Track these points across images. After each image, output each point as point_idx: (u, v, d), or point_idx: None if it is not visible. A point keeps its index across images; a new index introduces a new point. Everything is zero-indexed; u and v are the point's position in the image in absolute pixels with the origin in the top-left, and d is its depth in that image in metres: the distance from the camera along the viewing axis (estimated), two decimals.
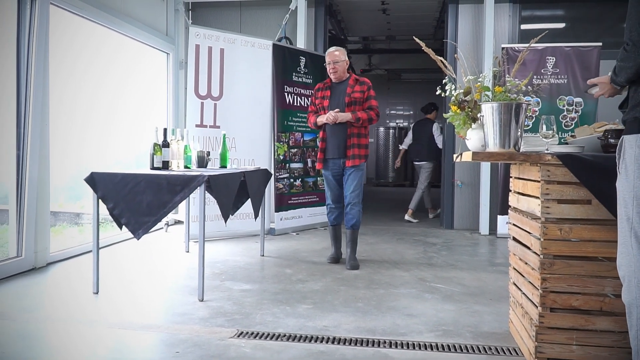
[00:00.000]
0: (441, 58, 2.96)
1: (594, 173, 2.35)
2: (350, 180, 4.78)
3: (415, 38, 3.42)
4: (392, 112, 17.41)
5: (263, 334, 3.06)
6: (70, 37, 5.32)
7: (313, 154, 6.86)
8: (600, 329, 2.47)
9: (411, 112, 17.24)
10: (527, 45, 2.97)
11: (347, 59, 4.87)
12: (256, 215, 5.06)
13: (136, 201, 3.63)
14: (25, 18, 4.48)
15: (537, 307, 2.53)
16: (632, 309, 2.01)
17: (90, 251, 4.45)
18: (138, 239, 3.67)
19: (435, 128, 8.25)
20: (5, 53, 4.42)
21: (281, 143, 6.56)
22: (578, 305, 2.48)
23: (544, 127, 2.56)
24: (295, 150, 6.75)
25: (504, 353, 2.84)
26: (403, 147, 9.03)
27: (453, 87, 2.88)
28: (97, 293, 3.83)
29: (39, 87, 4.53)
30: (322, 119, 4.80)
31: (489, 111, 2.52)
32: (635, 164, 2.02)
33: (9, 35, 4.43)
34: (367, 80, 4.90)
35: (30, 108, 4.46)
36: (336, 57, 4.80)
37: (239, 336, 3.02)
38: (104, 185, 3.71)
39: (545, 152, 2.52)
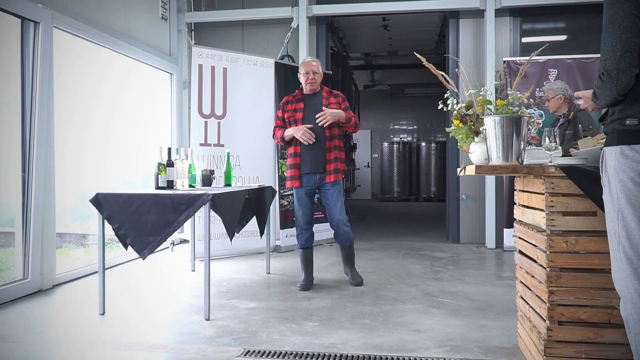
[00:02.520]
0: (442, 73, 2.97)
1: (598, 184, 2.34)
2: (335, 199, 4.55)
3: (416, 54, 3.44)
4: (396, 127, 17.46)
5: (270, 352, 3.04)
6: (74, 59, 5.37)
7: None
8: (609, 342, 2.44)
9: (415, 127, 17.29)
10: (528, 58, 2.98)
11: (321, 71, 4.66)
12: (261, 233, 5.06)
13: (141, 221, 3.64)
14: (28, 41, 4.53)
15: (545, 320, 2.52)
16: (629, 324, 2.00)
17: (96, 272, 4.45)
18: (144, 259, 3.68)
19: None
20: (10, 76, 4.46)
21: (285, 160, 6.57)
22: (586, 318, 2.46)
23: (547, 139, 2.56)
24: None
25: None
26: None
27: (455, 101, 2.88)
28: (103, 314, 3.82)
29: (44, 109, 4.56)
30: (292, 133, 4.49)
31: (491, 124, 2.52)
32: (615, 177, 2.02)
33: (13, 58, 4.48)
34: (340, 92, 4.73)
35: (35, 130, 4.49)
36: (315, 67, 4.57)
37: (245, 355, 3.00)
38: (109, 205, 3.72)
39: (549, 164, 2.52)
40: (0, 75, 4.49)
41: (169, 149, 4.22)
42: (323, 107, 4.49)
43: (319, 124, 4.43)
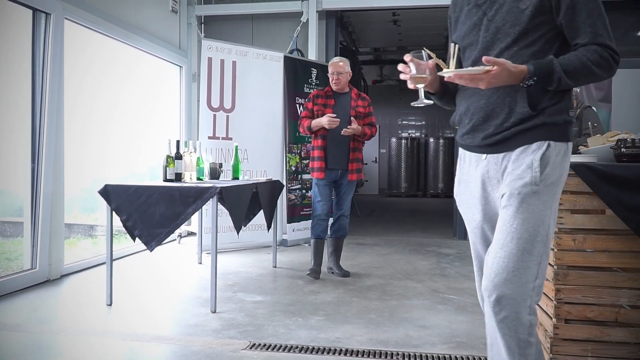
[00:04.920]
0: None
1: (607, 182, 2.34)
2: (347, 193, 4.84)
3: (425, 49, 3.42)
4: (404, 122, 17.39)
5: (275, 345, 3.06)
6: (84, 51, 5.39)
7: None
8: (616, 341, 2.44)
9: (423, 123, 17.22)
10: None
11: (350, 70, 4.82)
12: (269, 227, 5.07)
13: (149, 213, 3.65)
14: (40, 32, 4.55)
15: (551, 318, 2.51)
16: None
17: (103, 263, 4.47)
18: (151, 251, 3.69)
19: None
20: (21, 67, 4.48)
21: (293, 154, 6.58)
22: (593, 317, 2.46)
23: None
24: (307, 161, 6.76)
25: None
26: None
27: None
28: (110, 305, 3.84)
29: (54, 100, 4.58)
30: (320, 123, 4.65)
31: None
32: (560, 177, 1.80)
33: (25, 50, 4.49)
34: (367, 96, 4.95)
35: (45, 121, 4.51)
36: (340, 67, 4.74)
37: (251, 348, 3.02)
38: (118, 197, 3.74)
39: None
40: (12, 66, 4.52)
41: (178, 142, 4.22)
42: (351, 111, 4.75)
43: (342, 134, 4.64)
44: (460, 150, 1.99)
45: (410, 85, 1.83)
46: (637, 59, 6.94)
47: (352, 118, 4.69)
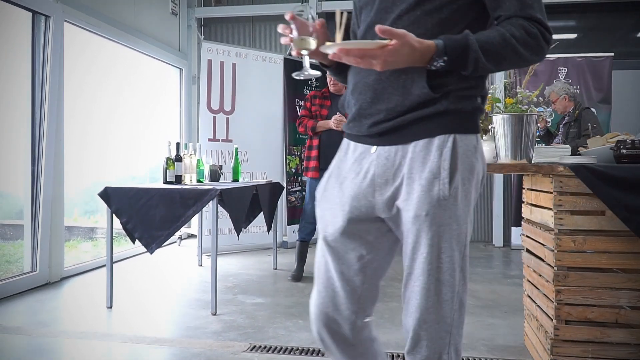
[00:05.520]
0: None
1: (607, 184, 2.33)
2: None
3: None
4: None
5: (276, 347, 3.05)
6: (84, 53, 5.39)
7: None
8: (616, 342, 2.43)
9: None
10: None
11: None
12: (269, 229, 5.07)
13: (149, 215, 3.65)
14: (39, 35, 4.55)
15: (552, 319, 2.51)
16: None
17: (104, 265, 4.47)
18: (151, 254, 3.69)
19: None
20: (20, 70, 4.49)
21: (293, 156, 6.58)
22: (593, 318, 2.46)
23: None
24: None
25: None
26: None
27: None
28: (110, 307, 3.84)
29: (54, 102, 4.59)
30: (328, 124, 4.59)
31: (500, 123, 2.52)
32: (475, 175, 1.47)
33: (24, 52, 4.50)
34: None
35: (45, 123, 4.51)
36: None
37: (251, 350, 3.01)
38: (118, 199, 3.74)
39: (558, 163, 2.51)
40: (11, 69, 4.52)
41: (178, 144, 4.23)
42: (346, 113, 4.58)
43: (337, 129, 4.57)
44: (344, 140, 1.60)
45: (294, 52, 1.41)
46: (637, 60, 6.95)
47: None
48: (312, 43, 1.38)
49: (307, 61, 1.44)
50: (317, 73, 1.44)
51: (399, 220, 1.44)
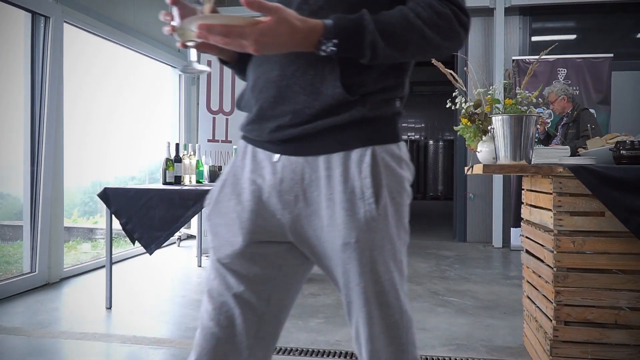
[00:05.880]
0: (451, 71, 2.96)
1: (607, 184, 2.33)
2: None
3: None
4: (404, 125, 17.40)
5: (275, 348, 3.05)
6: (83, 54, 5.39)
7: None
8: (615, 342, 2.43)
9: (423, 125, 17.23)
10: (537, 57, 2.97)
11: None
12: None
13: (149, 216, 3.65)
14: (39, 36, 4.55)
15: (551, 320, 2.51)
16: None
17: (103, 266, 4.47)
18: (151, 254, 3.69)
19: None
20: (20, 70, 4.48)
21: None
22: (592, 319, 2.46)
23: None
24: None
25: None
26: None
27: (463, 99, 2.88)
28: (110, 308, 3.84)
29: (53, 103, 4.59)
30: None
31: (499, 123, 2.52)
32: (405, 192, 1.24)
33: (23, 53, 4.50)
34: None
35: (44, 124, 4.51)
36: None
37: None
38: (117, 200, 3.74)
39: (557, 164, 2.51)
40: (11, 70, 4.52)
41: (177, 145, 4.23)
42: None
43: None
44: (241, 143, 1.31)
45: (179, 44, 1.13)
46: (637, 61, 6.96)
47: None
48: (195, 33, 1.01)
49: (193, 54, 1.17)
50: (207, 69, 1.20)
51: (319, 247, 1.22)
